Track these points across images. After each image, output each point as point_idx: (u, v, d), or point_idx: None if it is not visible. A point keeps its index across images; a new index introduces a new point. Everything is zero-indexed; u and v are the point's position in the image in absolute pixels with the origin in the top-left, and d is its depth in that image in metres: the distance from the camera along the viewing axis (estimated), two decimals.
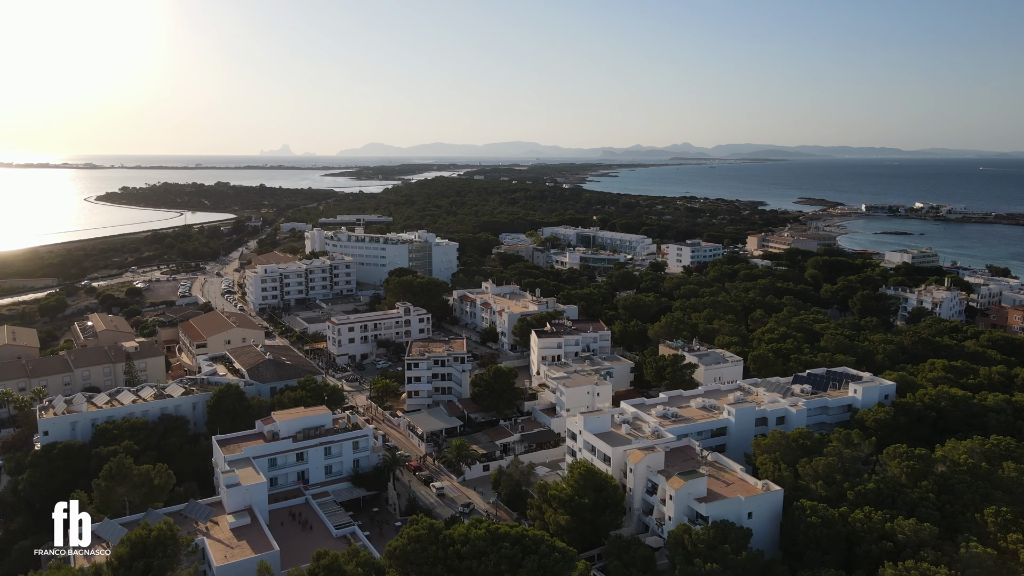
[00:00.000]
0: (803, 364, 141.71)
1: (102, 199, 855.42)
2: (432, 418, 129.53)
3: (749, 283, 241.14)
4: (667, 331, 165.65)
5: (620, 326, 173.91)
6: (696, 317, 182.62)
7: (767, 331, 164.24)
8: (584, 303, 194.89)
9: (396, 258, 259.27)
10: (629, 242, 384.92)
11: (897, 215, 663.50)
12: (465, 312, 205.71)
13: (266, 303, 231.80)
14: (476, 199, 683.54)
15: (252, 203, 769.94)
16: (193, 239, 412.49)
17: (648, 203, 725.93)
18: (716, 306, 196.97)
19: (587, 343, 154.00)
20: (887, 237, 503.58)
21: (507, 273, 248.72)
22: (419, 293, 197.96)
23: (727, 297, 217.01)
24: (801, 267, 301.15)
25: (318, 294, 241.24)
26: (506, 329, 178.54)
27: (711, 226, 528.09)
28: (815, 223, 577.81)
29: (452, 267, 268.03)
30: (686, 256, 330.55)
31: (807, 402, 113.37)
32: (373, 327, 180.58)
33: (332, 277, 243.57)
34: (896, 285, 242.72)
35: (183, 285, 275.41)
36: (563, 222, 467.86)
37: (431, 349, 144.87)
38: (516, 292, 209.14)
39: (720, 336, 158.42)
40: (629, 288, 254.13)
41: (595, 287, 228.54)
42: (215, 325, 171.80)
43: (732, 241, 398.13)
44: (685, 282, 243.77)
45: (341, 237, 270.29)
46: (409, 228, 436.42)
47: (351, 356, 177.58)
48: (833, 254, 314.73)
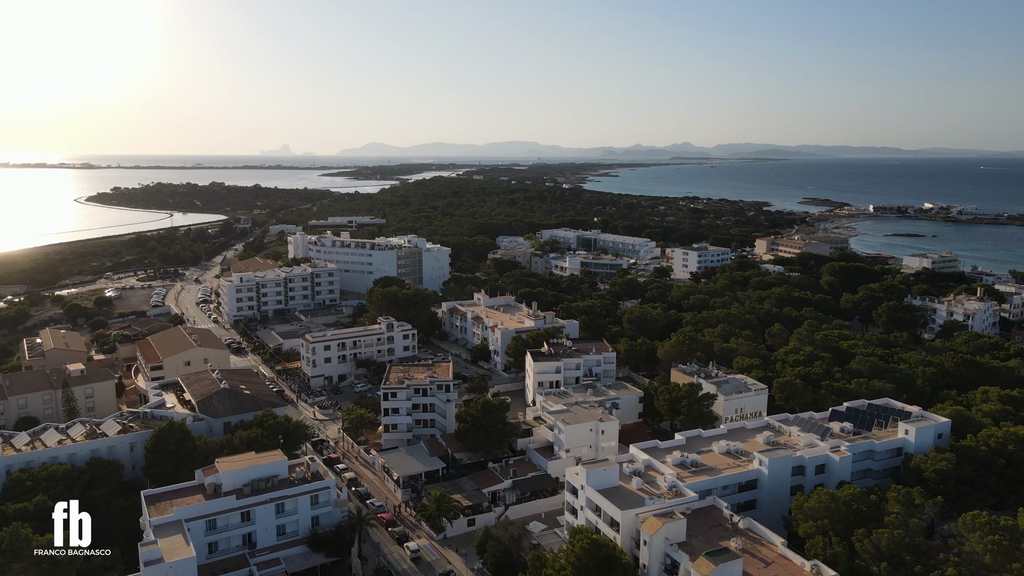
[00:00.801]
0: (835, 393, 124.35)
1: (93, 200, 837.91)
2: (410, 459, 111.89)
3: (763, 292, 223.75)
4: (678, 351, 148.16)
5: (626, 345, 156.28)
6: (709, 334, 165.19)
7: (791, 352, 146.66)
8: (585, 317, 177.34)
9: (383, 265, 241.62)
10: (632, 245, 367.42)
11: (906, 216, 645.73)
12: (455, 327, 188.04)
13: (241, 315, 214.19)
14: (474, 200, 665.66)
15: (245, 204, 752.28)
16: (177, 242, 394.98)
17: (650, 204, 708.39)
18: (730, 320, 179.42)
19: (589, 366, 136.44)
20: (898, 239, 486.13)
21: (502, 282, 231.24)
22: (404, 306, 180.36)
23: (740, 308, 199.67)
24: (815, 273, 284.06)
25: (298, 304, 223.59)
26: (499, 348, 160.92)
27: (716, 228, 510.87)
28: (823, 225, 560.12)
29: (444, 274, 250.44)
30: (693, 261, 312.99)
31: (850, 446, 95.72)
32: (352, 345, 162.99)
33: (314, 286, 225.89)
34: (921, 295, 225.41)
35: (157, 294, 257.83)
36: (563, 224, 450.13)
37: (412, 375, 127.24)
38: (511, 304, 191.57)
39: (739, 358, 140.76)
40: (634, 297, 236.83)
41: (597, 298, 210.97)
42: (175, 344, 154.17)
43: (740, 244, 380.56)
44: (694, 291, 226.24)
45: (325, 242, 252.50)
46: (402, 231, 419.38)
47: (327, 378, 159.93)
48: (849, 259, 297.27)
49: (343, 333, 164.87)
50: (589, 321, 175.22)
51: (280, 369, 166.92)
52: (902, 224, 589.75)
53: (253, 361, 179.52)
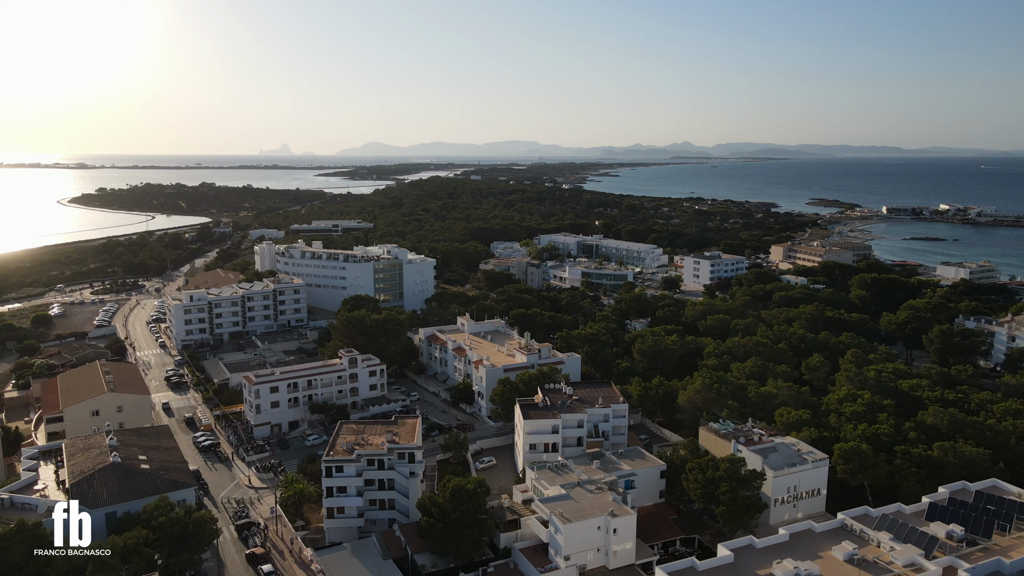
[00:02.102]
0: (915, 463, 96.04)
1: (76, 201, 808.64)
2: (355, 564, 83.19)
3: (790, 311, 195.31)
4: (704, 396, 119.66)
5: (639, 387, 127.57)
6: (738, 370, 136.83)
7: (845, 399, 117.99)
8: (588, 348, 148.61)
9: (358, 280, 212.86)
10: (637, 252, 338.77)
11: (921, 218, 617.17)
12: (434, 358, 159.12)
13: (191, 339, 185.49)
14: (469, 201, 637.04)
15: (231, 206, 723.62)
16: (146, 248, 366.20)
17: (653, 205, 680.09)
18: (761, 350, 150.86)
19: (595, 422, 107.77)
20: (919, 244, 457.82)
21: (493, 300, 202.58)
22: (373, 334, 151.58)
23: (767, 333, 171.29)
24: (841, 285, 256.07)
25: (259, 326, 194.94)
26: (484, 389, 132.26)
27: (724, 231, 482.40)
28: (836, 228, 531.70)
29: (427, 289, 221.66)
30: (705, 271, 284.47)
31: (971, 569, 67.22)
32: (306, 385, 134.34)
33: (277, 305, 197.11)
34: (971, 313, 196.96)
35: (105, 311, 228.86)
36: (562, 228, 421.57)
37: (366, 439, 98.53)
38: (500, 331, 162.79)
39: (783, 410, 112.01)
40: (642, 316, 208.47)
41: (601, 319, 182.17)
42: (84, 386, 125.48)
43: (753, 251, 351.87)
44: (711, 309, 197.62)
45: (294, 254, 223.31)
46: (390, 235, 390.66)
47: (274, 426, 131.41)
48: (879, 270, 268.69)
49: (294, 371, 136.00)
50: (593, 354, 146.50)
51: (219, 414, 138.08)
52: (918, 227, 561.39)
53: (193, 400, 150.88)
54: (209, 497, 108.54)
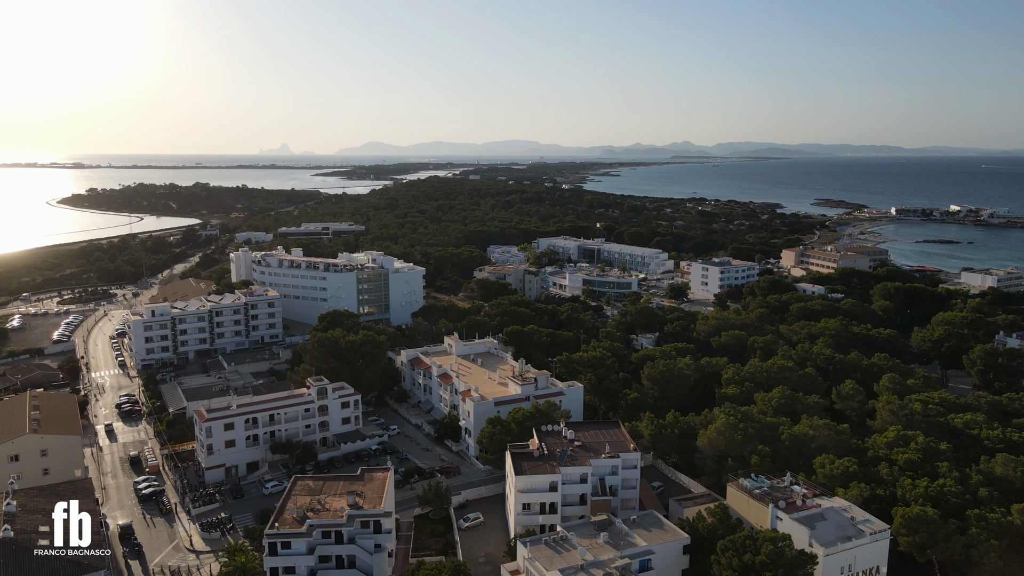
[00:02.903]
0: (994, 532, 78.60)
1: (65, 202, 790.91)
2: None
3: (811, 325, 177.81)
4: (727, 438, 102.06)
5: (651, 425, 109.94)
6: (763, 402, 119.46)
7: (895, 443, 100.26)
8: (592, 375, 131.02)
9: (340, 291, 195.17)
10: (641, 257, 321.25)
11: (932, 219, 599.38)
12: (417, 384, 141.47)
13: (152, 358, 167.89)
14: (467, 202, 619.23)
15: (223, 206, 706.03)
16: (125, 253, 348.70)
17: (655, 206, 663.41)
18: (785, 376, 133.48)
19: (602, 475, 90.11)
20: (933, 247, 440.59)
21: (486, 313, 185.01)
22: (348, 357, 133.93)
23: (789, 351, 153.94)
24: (861, 294, 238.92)
25: (228, 343, 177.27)
26: (472, 426, 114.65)
27: (730, 234, 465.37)
28: (845, 229, 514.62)
29: (416, 301, 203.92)
30: (714, 278, 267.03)
31: None
32: (267, 420, 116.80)
33: (248, 320, 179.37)
34: (1012, 329, 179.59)
35: (67, 323, 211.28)
36: (562, 231, 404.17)
37: (324, 501, 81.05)
38: (493, 353, 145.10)
39: (824, 459, 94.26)
40: (649, 330, 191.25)
41: (605, 336, 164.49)
42: (3, 425, 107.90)
43: (764, 255, 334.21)
44: (725, 324, 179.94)
45: (271, 262, 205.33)
46: (382, 239, 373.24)
47: (230, 468, 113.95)
48: (902, 278, 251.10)
49: (253, 404, 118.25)
50: (597, 381, 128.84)
51: (168, 453, 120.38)
52: (929, 228, 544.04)
53: (144, 433, 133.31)
54: (142, 563, 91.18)
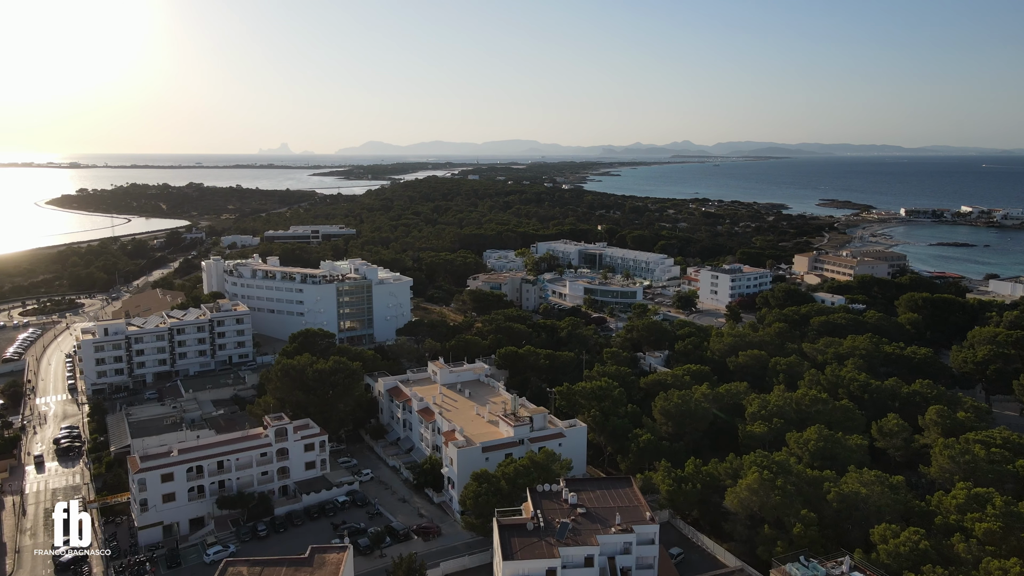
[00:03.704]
0: None
1: (54, 203, 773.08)
2: None
3: (837, 342, 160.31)
4: (761, 499, 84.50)
5: (668, 479, 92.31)
6: (797, 444, 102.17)
7: (966, 506, 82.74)
8: (596, 408, 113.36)
9: (318, 304, 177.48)
10: (646, 263, 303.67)
11: (942, 220, 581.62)
12: (396, 419, 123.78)
13: (105, 382, 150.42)
14: (464, 204, 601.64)
15: (215, 207, 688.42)
16: (102, 258, 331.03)
17: (658, 207, 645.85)
18: (819, 409, 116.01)
19: (611, 554, 72.47)
20: (947, 250, 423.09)
21: (479, 331, 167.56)
22: (317, 389, 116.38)
23: (817, 375, 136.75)
24: (884, 305, 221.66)
25: (192, 364, 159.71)
26: (455, 476, 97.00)
27: (735, 236, 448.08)
28: (855, 232, 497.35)
29: (402, 314, 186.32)
30: (724, 286, 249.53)
31: None
32: (215, 468, 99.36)
33: (214, 338, 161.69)
34: None
35: (24, 338, 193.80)
36: (562, 234, 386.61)
37: None
38: (483, 379, 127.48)
39: (886, 531, 76.71)
40: (658, 347, 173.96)
41: (611, 361, 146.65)
42: None
43: (775, 261, 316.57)
44: (742, 342, 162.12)
45: (244, 272, 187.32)
46: (374, 243, 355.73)
47: (170, 527, 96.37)
48: (927, 287, 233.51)
49: (198, 449, 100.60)
50: (603, 419, 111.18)
51: (100, 506, 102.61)
52: (941, 230, 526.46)
53: (81, 476, 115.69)
54: None
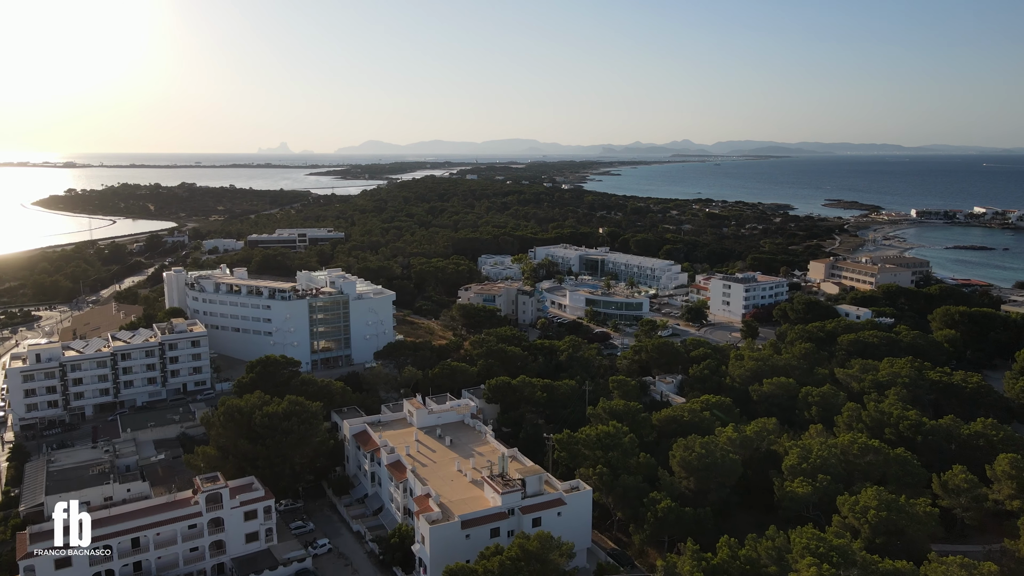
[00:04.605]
0: None
1: (41, 203, 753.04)
2: None
3: (872, 366, 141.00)
4: None
5: (696, 570, 72.60)
6: (851, 512, 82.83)
7: None
8: (603, 459, 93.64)
9: (288, 323, 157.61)
10: (651, 270, 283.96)
11: (955, 222, 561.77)
12: (363, 470, 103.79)
13: (36, 416, 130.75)
14: (460, 205, 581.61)
15: (204, 208, 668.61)
16: (72, 263, 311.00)
17: (660, 207, 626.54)
18: (871, 461, 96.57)
19: None
20: (965, 254, 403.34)
21: (467, 354, 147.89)
22: (267, 436, 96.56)
23: (855, 411, 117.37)
24: (913, 319, 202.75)
25: (140, 393, 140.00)
26: (427, 559, 77.24)
27: (743, 239, 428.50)
28: (866, 234, 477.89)
29: (384, 333, 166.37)
30: (737, 297, 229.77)
31: None
32: (130, 547, 79.73)
33: (165, 363, 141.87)
34: None
35: None
36: (561, 238, 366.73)
37: None
38: (469, 421, 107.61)
39: None
40: (670, 370, 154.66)
41: (620, 400, 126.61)
42: None
43: (789, 268, 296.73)
44: (765, 367, 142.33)
45: (206, 287, 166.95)
46: (362, 247, 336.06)
47: None
48: (962, 300, 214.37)
49: (107, 523, 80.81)
50: (611, 476, 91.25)
51: None
52: (954, 232, 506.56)
53: None
54: None
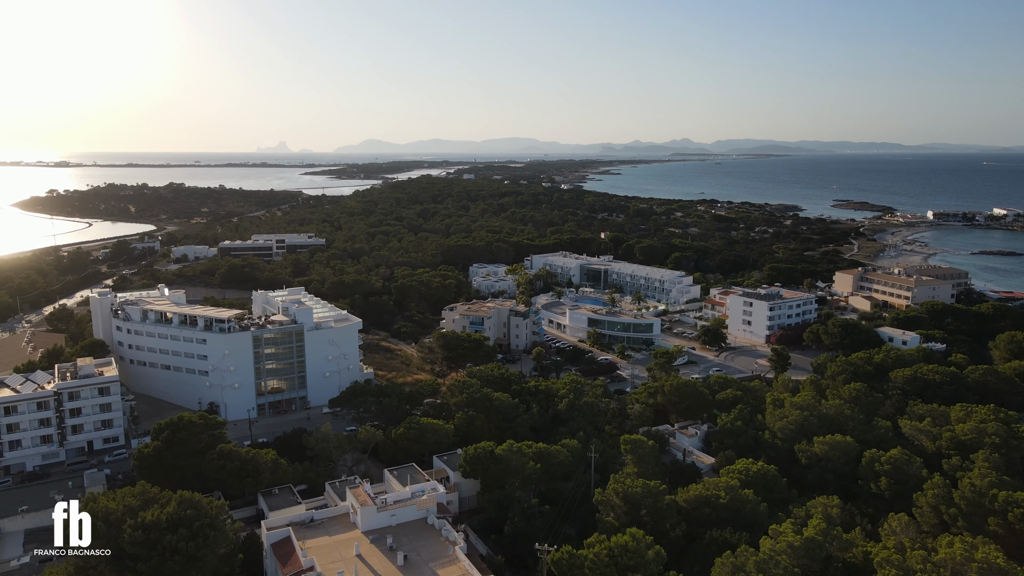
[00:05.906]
0: None
1: (22, 204, 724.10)
2: None
3: (943, 415, 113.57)
4: None
5: None
6: None
7: None
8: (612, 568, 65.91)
9: (227, 360, 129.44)
10: (660, 282, 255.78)
11: (975, 224, 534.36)
12: None
13: None
14: (454, 206, 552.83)
15: (188, 210, 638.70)
16: (20, 274, 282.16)
17: (664, 209, 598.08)
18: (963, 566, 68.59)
19: None
20: (993, 260, 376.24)
21: (444, 400, 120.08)
22: (144, 556, 68.52)
23: (947, 491, 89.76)
24: (967, 343, 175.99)
25: (30, 456, 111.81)
26: None
27: (754, 244, 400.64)
28: (884, 238, 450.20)
29: (347, 369, 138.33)
30: (760, 316, 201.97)
31: None
32: None
33: (63, 417, 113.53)
34: None
35: None
36: (561, 245, 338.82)
37: None
38: (434, 522, 79.18)
39: None
40: (693, 413, 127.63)
41: (637, 481, 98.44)
42: None
43: (812, 278, 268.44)
44: (811, 420, 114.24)
45: (133, 315, 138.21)
46: (343, 255, 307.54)
47: None
48: (1014, 317, 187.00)
49: None
50: None
51: None
52: (975, 236, 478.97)
53: None
54: None
